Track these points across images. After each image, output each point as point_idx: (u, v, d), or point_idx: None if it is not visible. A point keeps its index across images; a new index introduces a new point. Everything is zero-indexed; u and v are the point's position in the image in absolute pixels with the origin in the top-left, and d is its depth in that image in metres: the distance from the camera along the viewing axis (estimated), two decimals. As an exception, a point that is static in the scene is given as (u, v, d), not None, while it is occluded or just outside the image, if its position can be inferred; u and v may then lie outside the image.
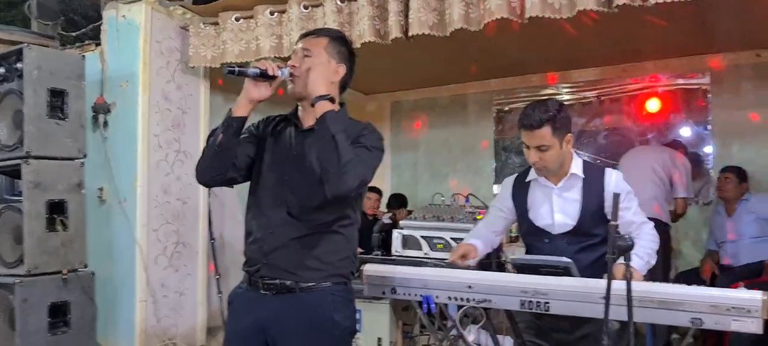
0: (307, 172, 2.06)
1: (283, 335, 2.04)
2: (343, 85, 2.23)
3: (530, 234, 2.63)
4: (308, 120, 2.14)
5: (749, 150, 5.47)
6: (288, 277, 2.05)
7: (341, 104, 2.21)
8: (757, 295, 1.89)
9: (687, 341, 3.02)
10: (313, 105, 2.02)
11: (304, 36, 2.23)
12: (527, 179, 2.67)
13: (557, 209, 2.53)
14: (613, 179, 2.50)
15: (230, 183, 2.24)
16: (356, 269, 2.21)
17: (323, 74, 2.07)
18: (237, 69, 2.04)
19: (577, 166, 2.53)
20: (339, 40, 2.22)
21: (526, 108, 2.51)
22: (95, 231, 4.49)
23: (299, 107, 2.21)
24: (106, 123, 4.58)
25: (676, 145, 5.42)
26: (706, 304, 1.93)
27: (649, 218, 4.61)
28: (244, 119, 2.10)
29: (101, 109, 4.55)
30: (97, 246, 4.47)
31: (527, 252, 2.67)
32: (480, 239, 2.76)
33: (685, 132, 5.80)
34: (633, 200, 2.52)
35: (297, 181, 2.08)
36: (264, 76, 2.06)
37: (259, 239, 2.10)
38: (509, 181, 2.78)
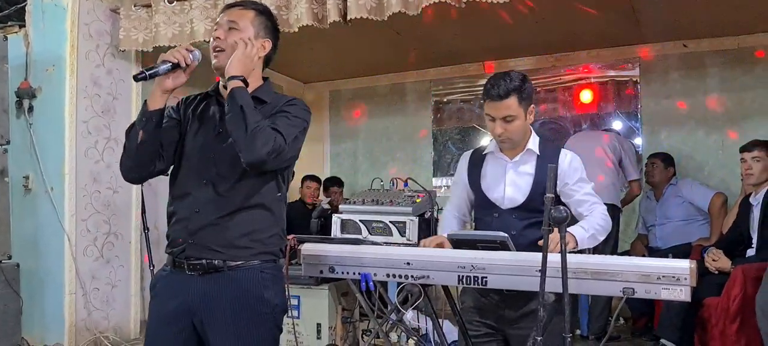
0: (233, 150, 1.97)
1: (212, 316, 1.97)
2: (267, 60, 2.17)
3: (481, 207, 2.62)
4: None
5: (676, 137, 5.69)
6: (215, 256, 1.97)
7: (265, 79, 2.17)
8: (685, 263, 1.95)
9: (612, 321, 3.15)
10: (225, 85, 1.98)
11: (229, 7, 2.14)
12: (484, 153, 2.67)
13: (509, 182, 2.53)
14: (568, 160, 2.50)
15: (159, 174, 2.16)
16: (285, 246, 2.16)
17: (247, 55, 2.00)
18: (147, 73, 1.94)
19: (533, 143, 2.54)
20: (265, 14, 2.16)
21: (489, 80, 2.48)
22: (20, 221, 4.31)
23: (221, 82, 2.12)
24: (31, 108, 4.40)
25: (608, 130, 5.57)
26: (637, 273, 1.98)
27: (609, 204, 4.80)
28: (162, 110, 2.01)
29: (26, 93, 4.37)
30: (22, 237, 4.29)
31: (476, 227, 2.66)
32: (455, 228, 2.73)
33: (616, 122, 5.97)
34: (586, 183, 2.52)
35: (223, 157, 2.00)
36: (177, 68, 1.98)
37: (184, 218, 2.02)
38: (465, 156, 2.77)
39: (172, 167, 2.14)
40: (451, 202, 2.83)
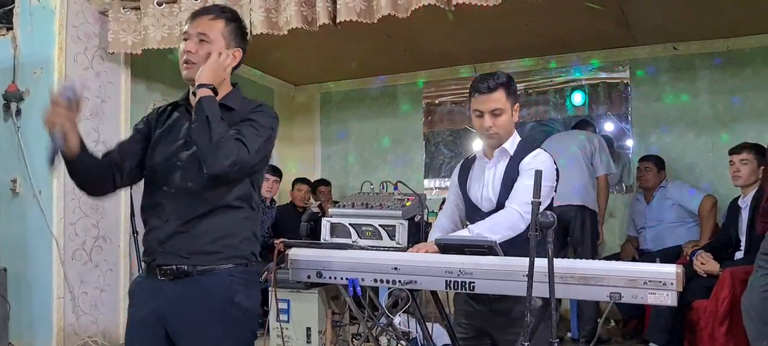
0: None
1: (183, 322, 1.97)
2: (235, 67, 2.15)
3: (469, 210, 2.64)
4: None
5: (666, 139, 5.70)
6: (184, 262, 1.97)
7: (234, 85, 2.16)
8: (671, 268, 1.94)
9: (600, 324, 3.13)
10: (194, 92, 1.98)
11: (197, 15, 2.10)
12: (472, 157, 2.71)
13: (486, 184, 2.55)
14: (531, 156, 2.49)
15: (125, 186, 2.16)
16: (259, 250, 2.17)
17: (220, 64, 2.01)
18: (53, 156, 1.89)
19: (511, 143, 2.55)
20: (235, 21, 2.14)
21: (476, 78, 2.53)
22: (7, 225, 4.29)
23: (191, 93, 2.11)
24: (19, 111, 4.37)
25: (584, 124, 5.50)
26: (624, 278, 1.97)
27: (579, 206, 4.78)
28: (79, 152, 1.95)
29: (13, 96, 4.34)
30: (9, 241, 4.27)
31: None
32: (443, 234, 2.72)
33: (608, 124, 5.99)
34: (531, 179, 2.45)
35: (190, 165, 2.00)
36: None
37: (155, 228, 2.02)
38: (458, 165, 2.81)
39: (144, 177, 2.14)
40: (444, 209, 2.85)
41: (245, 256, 2.06)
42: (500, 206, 2.45)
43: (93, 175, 2.04)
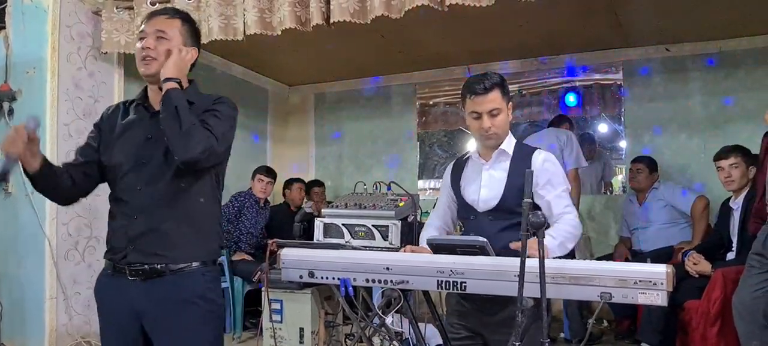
0: (165, 153, 2.03)
1: (163, 319, 2.01)
2: (192, 65, 2.21)
3: (462, 211, 2.65)
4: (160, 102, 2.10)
5: (659, 140, 5.72)
6: (157, 260, 2.01)
7: (191, 81, 2.20)
8: (661, 268, 1.95)
9: (590, 325, 3.13)
10: (160, 87, 2.04)
11: (153, 15, 2.17)
12: (465, 158, 2.71)
13: (483, 185, 2.54)
14: (541, 159, 2.49)
15: (89, 190, 2.21)
16: (221, 245, 2.23)
17: (182, 59, 2.09)
18: (4, 175, 1.96)
19: (508, 144, 2.55)
20: (189, 22, 2.21)
21: (470, 79, 2.54)
22: (0, 225, 4.25)
23: (149, 90, 2.17)
24: (11, 111, 4.36)
25: (560, 120, 5.47)
26: (614, 278, 1.97)
27: None
28: (42, 167, 2.02)
29: (6, 96, 4.33)
30: (2, 241, 4.26)
31: (463, 232, 2.68)
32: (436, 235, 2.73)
33: (602, 125, 6.01)
34: (554, 187, 2.48)
35: (156, 163, 2.05)
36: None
37: (124, 225, 2.05)
38: (449, 165, 2.81)
39: (107, 174, 2.18)
40: (436, 210, 2.84)
41: (214, 252, 2.16)
42: (502, 206, 2.45)
43: (50, 183, 2.09)
